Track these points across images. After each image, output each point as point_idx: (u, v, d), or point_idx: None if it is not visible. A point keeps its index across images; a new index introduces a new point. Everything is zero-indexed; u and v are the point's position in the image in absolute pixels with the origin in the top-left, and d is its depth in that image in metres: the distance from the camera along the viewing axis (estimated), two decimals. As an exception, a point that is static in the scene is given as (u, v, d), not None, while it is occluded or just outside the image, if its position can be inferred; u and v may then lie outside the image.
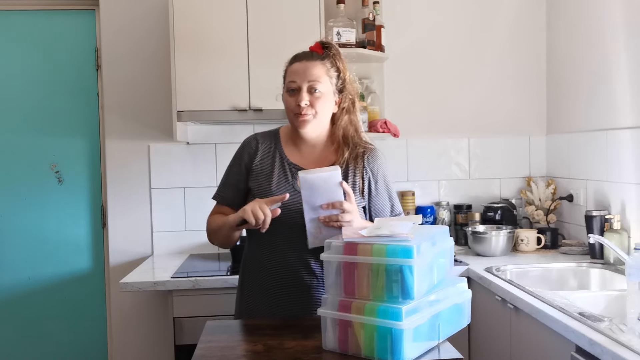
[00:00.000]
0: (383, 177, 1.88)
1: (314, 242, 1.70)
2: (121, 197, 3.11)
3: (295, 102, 1.79)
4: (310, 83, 1.78)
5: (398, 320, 1.33)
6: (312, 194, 1.66)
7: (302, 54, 1.85)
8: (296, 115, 1.79)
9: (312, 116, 1.79)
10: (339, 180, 1.68)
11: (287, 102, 1.82)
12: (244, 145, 1.92)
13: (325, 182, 1.67)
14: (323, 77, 1.80)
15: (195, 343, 1.55)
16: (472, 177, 3.30)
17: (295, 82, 1.79)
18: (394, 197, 1.92)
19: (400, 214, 1.93)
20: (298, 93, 1.79)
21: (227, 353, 1.47)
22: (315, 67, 1.80)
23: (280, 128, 1.96)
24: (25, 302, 3.15)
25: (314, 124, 1.81)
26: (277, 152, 1.88)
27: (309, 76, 1.78)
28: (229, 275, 2.53)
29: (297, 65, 1.81)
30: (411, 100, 3.25)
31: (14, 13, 3.14)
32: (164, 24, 2.94)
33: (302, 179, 1.66)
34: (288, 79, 1.82)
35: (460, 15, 3.28)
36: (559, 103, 3.19)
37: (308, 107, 1.78)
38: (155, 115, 3.10)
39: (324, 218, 1.66)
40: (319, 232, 1.69)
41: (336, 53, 1.85)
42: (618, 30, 2.64)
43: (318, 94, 1.79)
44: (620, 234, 2.52)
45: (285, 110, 1.85)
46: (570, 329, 1.73)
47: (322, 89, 1.79)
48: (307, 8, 2.74)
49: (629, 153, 2.55)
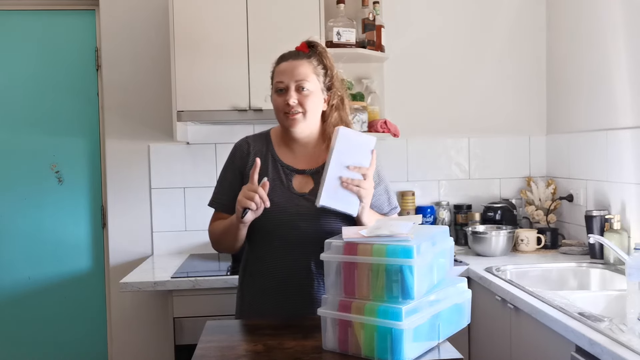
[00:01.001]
0: (377, 171, 1.88)
1: (326, 200, 1.64)
2: (121, 197, 3.11)
3: (283, 102, 1.78)
4: (298, 82, 1.78)
5: (398, 320, 1.33)
6: (345, 151, 1.65)
7: (288, 53, 1.85)
8: (286, 115, 1.79)
9: (301, 115, 1.79)
10: (372, 147, 1.68)
11: (275, 102, 1.82)
12: (236, 149, 1.91)
13: (361, 145, 1.67)
14: (310, 76, 1.80)
15: (195, 343, 1.55)
16: (472, 177, 3.30)
17: (283, 81, 1.79)
18: (389, 190, 1.93)
19: (396, 207, 1.94)
20: (286, 92, 1.78)
21: (227, 353, 1.47)
22: (302, 65, 1.80)
23: (271, 130, 1.95)
24: (25, 302, 3.15)
25: (304, 123, 1.81)
26: (269, 154, 1.87)
27: (297, 75, 1.78)
28: (229, 275, 2.53)
29: (284, 65, 1.81)
30: (411, 100, 3.25)
31: (14, 13, 3.14)
32: (164, 24, 2.94)
33: (340, 130, 1.64)
34: (275, 79, 1.82)
35: (461, 15, 3.28)
36: (559, 103, 3.19)
37: (297, 105, 1.78)
38: (155, 115, 3.10)
39: (347, 179, 1.65)
40: (335, 191, 1.65)
41: (322, 51, 1.85)
42: (618, 30, 2.64)
43: (306, 92, 1.79)
44: (620, 234, 2.52)
45: (274, 111, 1.84)
46: (570, 329, 1.73)
47: (310, 87, 1.79)
48: (307, 8, 2.74)
49: (629, 153, 2.55)
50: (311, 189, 1.81)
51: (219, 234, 1.86)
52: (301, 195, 1.80)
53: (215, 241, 1.90)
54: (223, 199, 1.89)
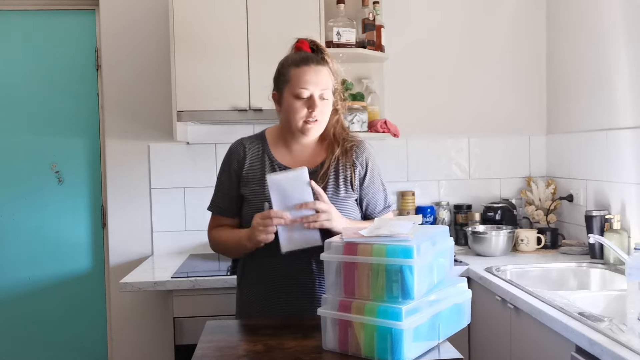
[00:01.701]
0: (372, 168, 1.89)
1: (287, 246, 1.68)
2: (121, 197, 3.11)
3: (307, 109, 1.77)
4: (323, 91, 1.78)
5: (398, 320, 1.33)
6: (280, 196, 1.65)
7: (308, 56, 1.81)
8: (305, 123, 1.79)
9: (318, 124, 1.80)
10: (306, 179, 1.67)
11: (295, 107, 1.78)
12: (231, 152, 1.91)
13: (293, 182, 1.66)
14: (330, 84, 1.81)
15: (195, 343, 1.55)
16: (472, 177, 3.30)
17: (308, 89, 1.77)
18: (385, 187, 1.94)
19: (390, 205, 1.95)
20: (310, 101, 1.77)
21: (227, 353, 1.47)
22: (324, 74, 1.79)
23: (266, 130, 1.94)
24: (25, 302, 3.15)
25: (319, 130, 1.83)
26: (265, 155, 1.87)
27: (322, 84, 1.78)
28: (229, 275, 2.53)
29: (307, 70, 1.77)
30: (411, 100, 3.25)
31: (14, 13, 3.14)
32: (164, 24, 2.94)
33: (269, 180, 1.65)
34: (298, 84, 1.77)
35: (460, 15, 3.28)
36: (559, 103, 3.19)
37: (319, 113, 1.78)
38: (155, 115, 3.10)
39: (298, 219, 1.65)
40: (292, 235, 1.67)
41: (330, 57, 1.85)
42: (618, 30, 2.64)
43: (326, 102, 1.80)
44: (620, 234, 2.52)
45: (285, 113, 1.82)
46: (570, 329, 1.73)
47: (329, 96, 1.81)
48: (307, 8, 2.74)
49: (629, 153, 2.55)
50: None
51: (225, 247, 1.88)
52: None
53: (220, 250, 1.92)
54: (221, 203, 1.90)
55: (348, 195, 1.84)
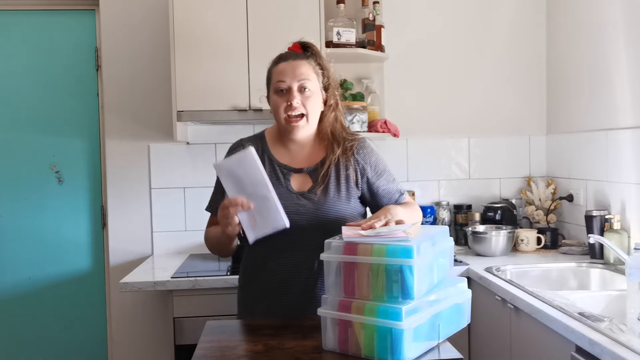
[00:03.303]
0: (376, 162, 1.88)
1: (253, 234, 1.61)
2: (121, 197, 3.10)
3: (286, 102, 1.77)
4: (301, 82, 1.78)
5: (398, 320, 1.33)
6: (232, 182, 1.59)
7: (287, 53, 1.84)
8: (288, 118, 1.78)
9: (304, 120, 1.79)
10: (254, 158, 1.59)
11: (276, 103, 1.80)
12: (231, 152, 1.90)
13: (241, 164, 1.58)
14: (312, 75, 1.80)
15: (195, 343, 1.55)
16: (472, 177, 3.30)
17: (285, 81, 1.78)
18: (393, 176, 1.92)
19: (404, 192, 1.92)
20: (288, 93, 1.78)
21: (227, 353, 1.47)
22: (302, 65, 1.79)
23: (265, 130, 1.95)
24: (25, 302, 3.15)
25: (307, 128, 1.82)
26: (265, 155, 1.87)
27: (299, 75, 1.78)
28: (229, 275, 2.53)
29: (284, 65, 1.80)
30: (411, 100, 3.25)
31: (14, 13, 3.14)
32: (164, 24, 2.94)
33: (215, 167, 1.58)
34: (276, 79, 1.80)
35: (460, 15, 3.28)
36: (559, 103, 3.19)
37: (300, 106, 1.77)
38: (155, 115, 3.10)
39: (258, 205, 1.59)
40: (254, 222, 1.60)
41: (317, 52, 1.86)
42: (618, 29, 2.64)
43: (308, 93, 1.79)
44: (620, 234, 2.52)
45: (272, 112, 1.83)
46: (570, 329, 1.73)
47: (312, 87, 1.80)
48: (307, 8, 2.74)
49: (629, 153, 2.55)
50: (310, 187, 1.81)
51: (212, 244, 1.87)
52: (300, 194, 1.81)
53: (210, 248, 1.92)
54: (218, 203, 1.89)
55: (349, 194, 1.83)
